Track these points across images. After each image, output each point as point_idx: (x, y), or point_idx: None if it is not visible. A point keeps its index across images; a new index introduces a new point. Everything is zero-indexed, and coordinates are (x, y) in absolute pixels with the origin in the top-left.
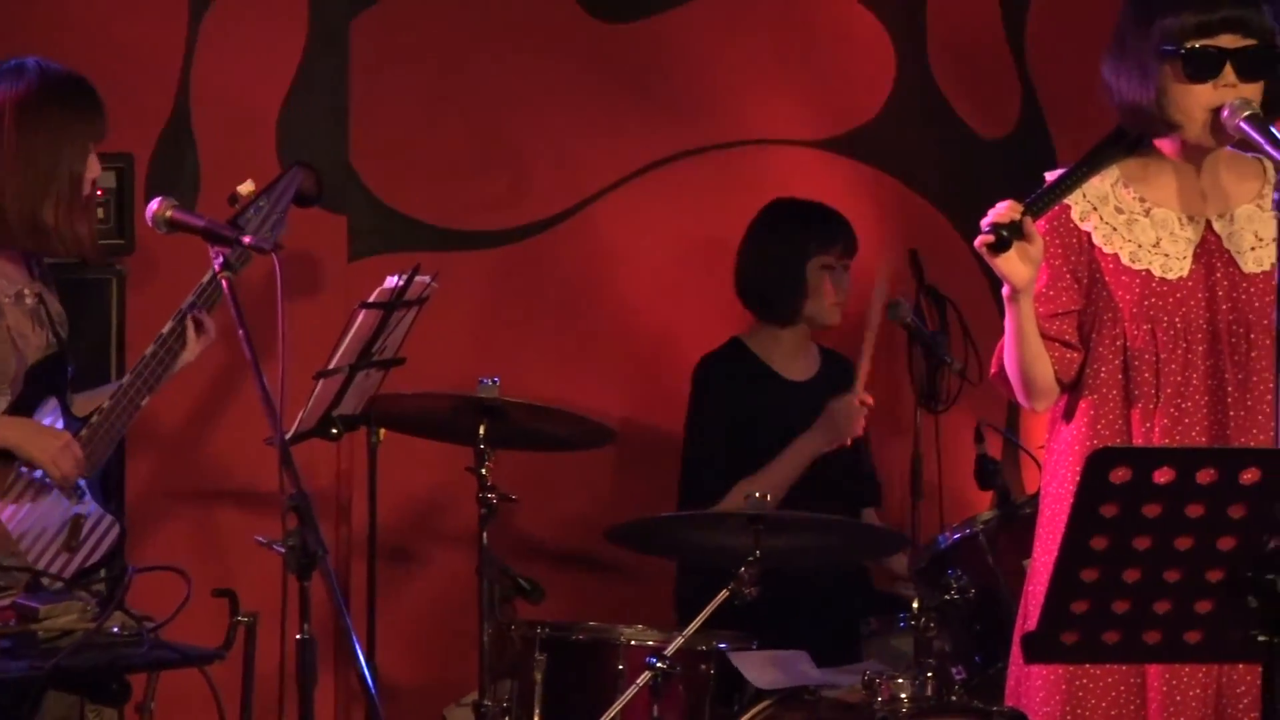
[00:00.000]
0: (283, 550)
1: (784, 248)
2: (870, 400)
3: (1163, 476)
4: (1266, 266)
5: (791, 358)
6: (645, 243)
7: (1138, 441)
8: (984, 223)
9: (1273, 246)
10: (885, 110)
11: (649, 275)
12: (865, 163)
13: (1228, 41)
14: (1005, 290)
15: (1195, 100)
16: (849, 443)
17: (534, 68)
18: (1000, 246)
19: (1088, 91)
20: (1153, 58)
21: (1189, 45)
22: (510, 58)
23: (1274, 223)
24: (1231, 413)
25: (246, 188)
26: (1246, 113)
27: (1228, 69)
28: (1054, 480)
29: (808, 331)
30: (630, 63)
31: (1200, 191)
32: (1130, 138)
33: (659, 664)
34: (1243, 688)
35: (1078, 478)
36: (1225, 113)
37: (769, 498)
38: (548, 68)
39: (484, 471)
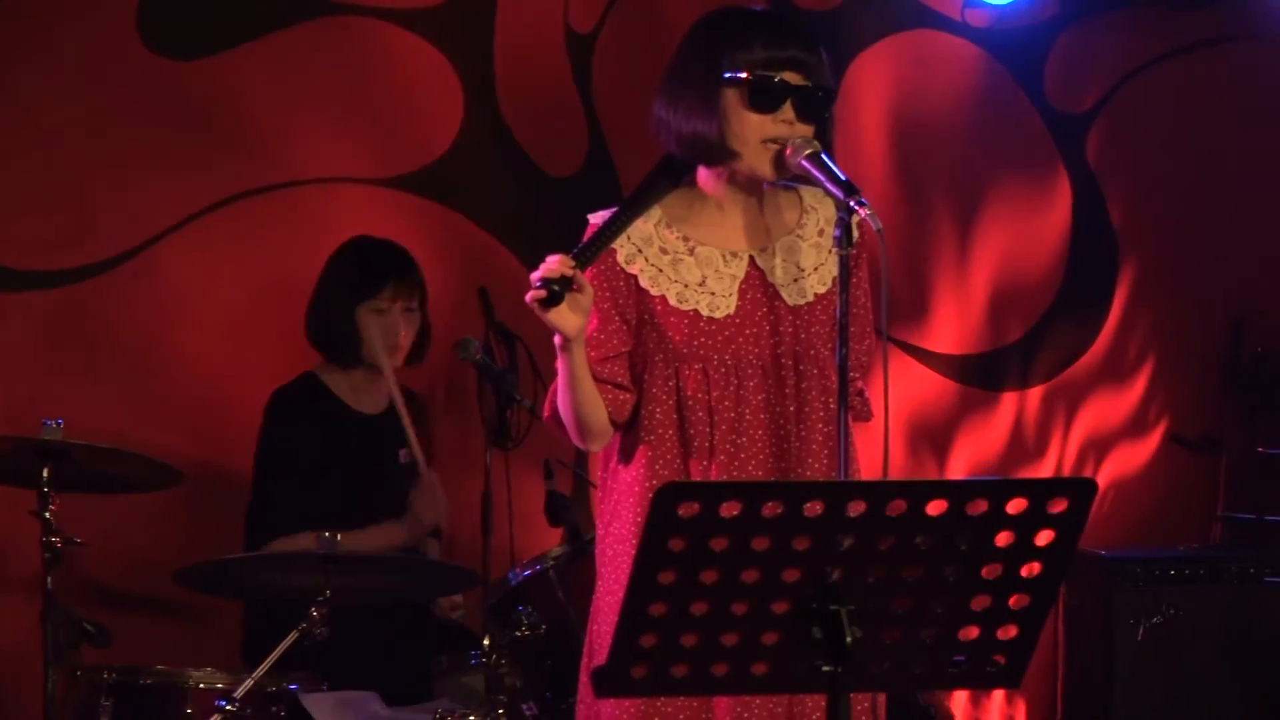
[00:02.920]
0: None
1: (337, 293)
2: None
3: (729, 510)
4: (810, 298)
5: (363, 391)
6: (213, 282)
7: (697, 478)
8: (534, 278)
9: (815, 276)
10: (454, 148)
11: (217, 315)
12: (434, 200)
13: (790, 79)
14: (557, 340)
15: (754, 130)
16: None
17: (95, 103)
18: (552, 301)
19: (651, 127)
20: (718, 86)
21: (756, 74)
22: (69, 92)
23: (815, 252)
24: (787, 444)
25: None
26: (808, 151)
27: (788, 105)
28: (615, 520)
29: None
30: (196, 100)
31: (743, 225)
32: (674, 172)
33: (229, 707)
34: (816, 715)
35: (640, 517)
36: (788, 151)
37: (339, 537)
38: (109, 103)
39: (48, 515)
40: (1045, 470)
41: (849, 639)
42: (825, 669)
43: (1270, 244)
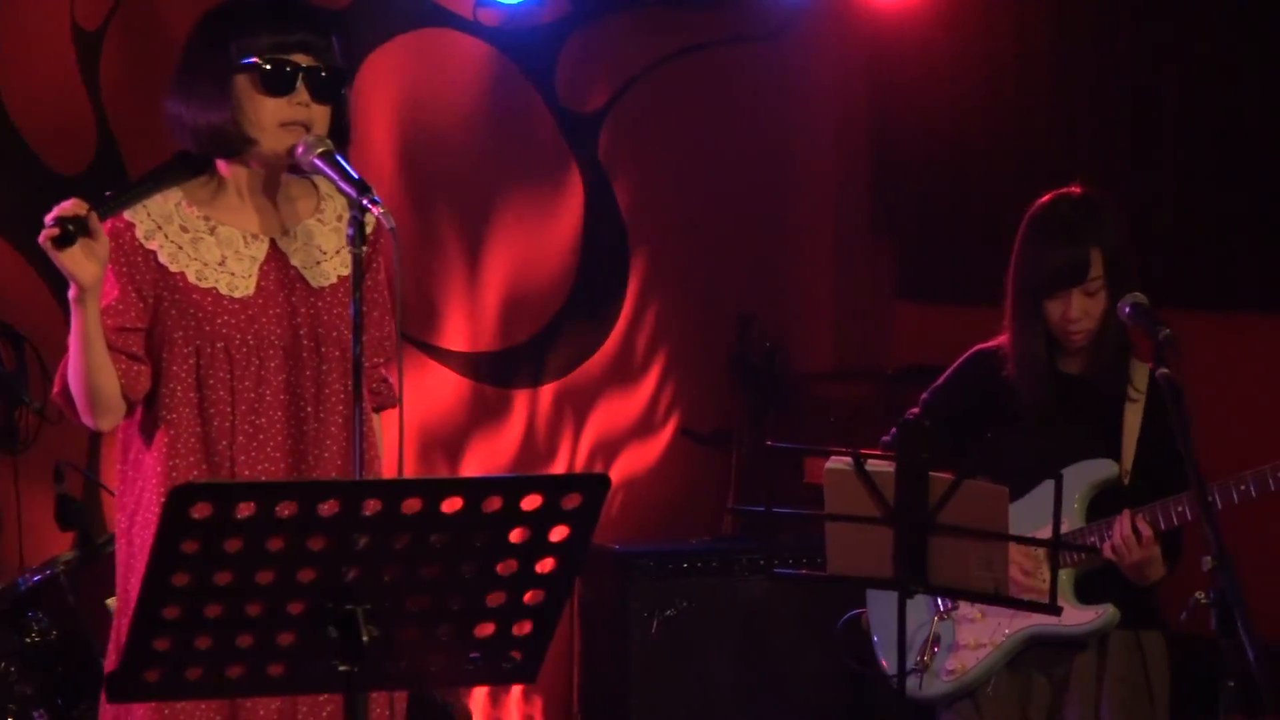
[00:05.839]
0: None
1: None
2: None
3: (244, 511)
4: (333, 279)
5: None
6: None
7: (218, 460)
8: (48, 218)
9: (337, 259)
10: None
11: None
12: None
13: (301, 60)
14: (72, 291)
15: (269, 114)
16: None
17: None
18: (65, 240)
19: (163, 125)
20: (229, 75)
21: (266, 58)
22: None
23: (335, 236)
24: (306, 426)
25: None
26: (320, 149)
27: (301, 87)
28: (140, 509)
29: None
30: None
31: (264, 209)
32: (190, 162)
33: None
34: (327, 710)
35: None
36: (300, 150)
37: None
38: None
39: None
40: (558, 467)
41: (365, 638)
42: (341, 669)
43: (773, 240)
